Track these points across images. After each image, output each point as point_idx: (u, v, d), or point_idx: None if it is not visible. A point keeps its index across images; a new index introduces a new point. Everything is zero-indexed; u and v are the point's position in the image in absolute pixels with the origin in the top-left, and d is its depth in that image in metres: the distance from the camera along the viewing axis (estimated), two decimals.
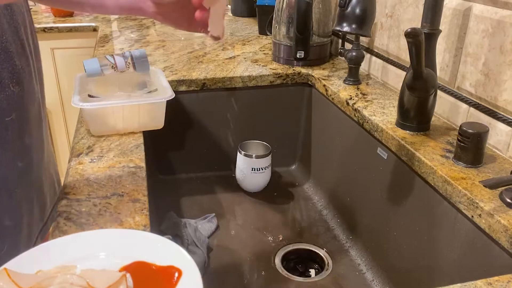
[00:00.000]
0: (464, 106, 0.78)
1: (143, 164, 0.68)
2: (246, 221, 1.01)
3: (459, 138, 0.67)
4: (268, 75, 1.08)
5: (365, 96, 0.94)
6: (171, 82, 1.01)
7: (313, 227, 0.99)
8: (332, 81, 1.04)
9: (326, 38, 1.17)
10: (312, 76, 1.09)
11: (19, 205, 0.59)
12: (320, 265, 0.90)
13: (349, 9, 0.90)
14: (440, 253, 0.68)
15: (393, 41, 0.97)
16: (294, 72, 1.10)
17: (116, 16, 1.84)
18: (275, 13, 1.16)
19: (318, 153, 1.11)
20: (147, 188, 0.62)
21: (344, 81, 1.03)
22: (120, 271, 0.45)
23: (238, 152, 1.06)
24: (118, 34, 1.48)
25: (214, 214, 0.99)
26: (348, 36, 1.14)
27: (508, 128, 0.69)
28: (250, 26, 1.65)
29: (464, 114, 0.78)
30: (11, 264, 0.43)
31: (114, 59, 0.84)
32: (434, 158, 0.69)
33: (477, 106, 0.75)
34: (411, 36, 0.62)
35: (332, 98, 1.00)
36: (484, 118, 0.73)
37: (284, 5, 1.12)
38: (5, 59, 0.54)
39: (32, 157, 0.61)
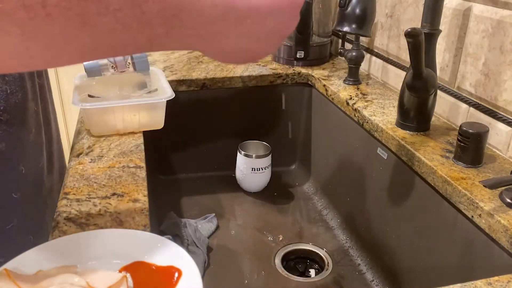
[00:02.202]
0: (464, 106, 0.78)
1: (143, 164, 0.68)
2: (246, 221, 1.01)
3: (459, 138, 0.67)
4: (268, 75, 1.08)
5: (365, 96, 0.94)
6: (171, 82, 1.01)
7: (313, 227, 0.99)
8: (332, 81, 1.04)
9: (326, 38, 1.17)
10: (312, 76, 1.09)
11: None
12: (320, 265, 0.90)
13: (349, 9, 0.90)
14: (440, 253, 0.68)
15: (393, 41, 0.97)
16: (294, 72, 1.10)
17: None
18: None
19: (318, 153, 1.11)
20: (147, 188, 0.62)
21: (344, 81, 1.03)
22: (120, 271, 0.45)
23: (238, 152, 1.06)
24: None
25: (214, 214, 0.99)
26: (348, 36, 1.14)
27: (508, 128, 0.69)
28: None
29: (464, 114, 0.78)
30: (11, 264, 0.43)
31: (114, 59, 0.84)
32: (434, 158, 0.69)
33: (477, 106, 0.75)
34: (411, 36, 0.62)
35: (332, 98, 1.00)
36: (484, 118, 0.73)
37: None
38: None
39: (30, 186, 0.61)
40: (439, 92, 0.82)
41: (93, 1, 0.28)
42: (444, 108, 0.83)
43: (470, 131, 0.65)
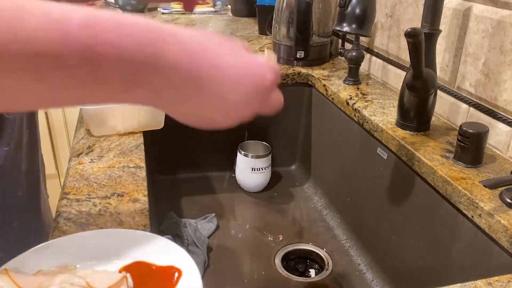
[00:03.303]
0: (464, 106, 0.78)
1: (143, 164, 0.68)
2: (246, 221, 1.01)
3: (459, 138, 0.67)
4: None
5: (365, 96, 0.94)
6: None
7: (313, 227, 0.99)
8: (332, 81, 1.04)
9: (326, 38, 1.17)
10: (312, 76, 1.09)
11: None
12: (320, 265, 0.90)
13: (349, 9, 0.90)
14: (440, 253, 0.68)
15: (393, 41, 0.97)
16: (294, 72, 1.10)
17: None
18: (275, 13, 1.16)
19: (318, 153, 1.11)
20: (147, 188, 0.62)
21: (344, 81, 1.03)
22: (120, 271, 0.45)
23: (238, 152, 1.06)
24: None
25: (214, 214, 0.99)
26: (348, 36, 1.14)
27: (508, 128, 0.69)
28: (250, 26, 1.65)
29: (464, 114, 0.78)
30: (11, 264, 0.43)
31: None
32: (434, 158, 0.69)
33: (477, 106, 0.75)
34: (411, 36, 0.62)
35: (332, 98, 1.00)
36: (484, 118, 0.73)
37: (284, 5, 1.12)
38: None
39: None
40: (439, 92, 0.82)
41: (50, 57, 0.28)
42: (444, 108, 0.83)
43: (470, 131, 0.65)
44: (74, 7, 0.30)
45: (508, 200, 0.58)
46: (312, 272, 0.89)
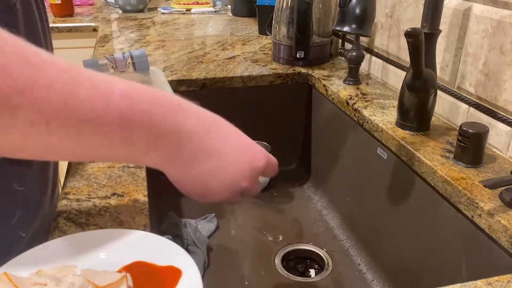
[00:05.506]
0: (464, 106, 0.78)
1: None
2: (246, 221, 1.01)
3: (459, 138, 0.67)
4: (268, 75, 1.08)
5: (365, 96, 0.94)
6: (171, 82, 1.01)
7: (313, 227, 0.99)
8: (332, 81, 1.04)
9: (326, 38, 1.17)
10: (312, 76, 1.09)
11: None
12: (320, 265, 0.90)
13: (349, 9, 0.90)
14: (440, 253, 0.68)
15: (393, 41, 0.97)
16: (294, 72, 1.10)
17: (116, 16, 1.84)
18: (275, 13, 1.16)
19: (318, 153, 1.11)
20: (147, 188, 0.62)
21: (344, 81, 1.03)
22: (120, 271, 0.45)
23: None
24: (118, 34, 1.48)
25: (214, 214, 0.99)
26: (348, 36, 1.14)
27: (508, 128, 0.69)
28: (250, 26, 1.65)
29: (464, 114, 0.78)
30: (11, 264, 0.43)
31: (114, 59, 0.84)
32: (434, 158, 0.69)
33: (477, 106, 0.75)
34: (411, 36, 0.62)
35: (332, 98, 1.00)
36: (484, 118, 0.73)
37: (284, 5, 1.12)
38: None
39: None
40: (439, 92, 0.82)
41: (91, 124, 0.32)
42: (444, 108, 0.83)
43: (470, 131, 0.65)
44: (116, 79, 0.35)
45: (508, 200, 0.58)
46: (312, 272, 0.89)
